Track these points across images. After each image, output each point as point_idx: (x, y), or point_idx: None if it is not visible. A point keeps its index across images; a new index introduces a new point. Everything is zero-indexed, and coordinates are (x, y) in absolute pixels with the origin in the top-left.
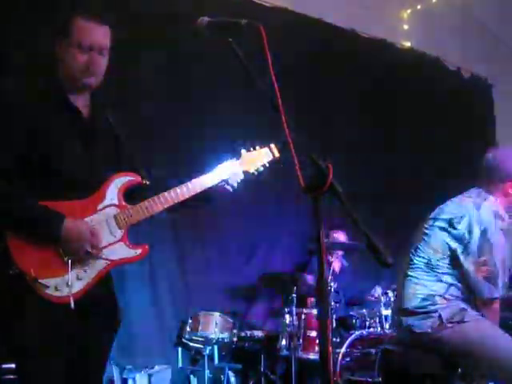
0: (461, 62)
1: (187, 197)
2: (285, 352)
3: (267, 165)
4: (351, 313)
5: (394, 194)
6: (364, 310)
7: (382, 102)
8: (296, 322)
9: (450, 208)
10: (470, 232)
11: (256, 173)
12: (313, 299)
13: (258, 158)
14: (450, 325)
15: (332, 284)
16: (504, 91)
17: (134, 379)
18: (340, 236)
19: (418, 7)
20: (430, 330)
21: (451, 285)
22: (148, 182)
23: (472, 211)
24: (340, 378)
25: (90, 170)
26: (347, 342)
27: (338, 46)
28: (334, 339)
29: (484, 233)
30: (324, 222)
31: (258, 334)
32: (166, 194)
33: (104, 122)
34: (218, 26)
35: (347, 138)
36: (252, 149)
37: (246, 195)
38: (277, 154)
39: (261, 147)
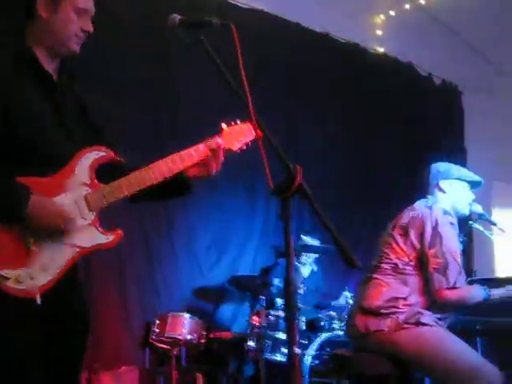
0: (432, 68)
1: (167, 176)
2: (253, 353)
3: (250, 144)
4: (320, 315)
5: (363, 199)
6: (333, 313)
7: (353, 106)
8: (264, 324)
9: (404, 215)
10: (424, 228)
11: (239, 152)
12: (280, 301)
13: (241, 133)
14: (406, 325)
15: (301, 287)
16: (474, 99)
17: (99, 380)
18: (311, 240)
19: (391, 13)
20: (386, 329)
21: (415, 290)
22: (123, 160)
23: (424, 210)
24: (309, 381)
25: (65, 143)
26: (316, 344)
27: (312, 49)
28: (303, 341)
29: (435, 227)
30: (294, 225)
31: (227, 335)
32: (143, 171)
33: (72, 92)
34: (190, 23)
35: (315, 142)
36: (233, 123)
37: (214, 196)
38: (260, 133)
39: (243, 122)
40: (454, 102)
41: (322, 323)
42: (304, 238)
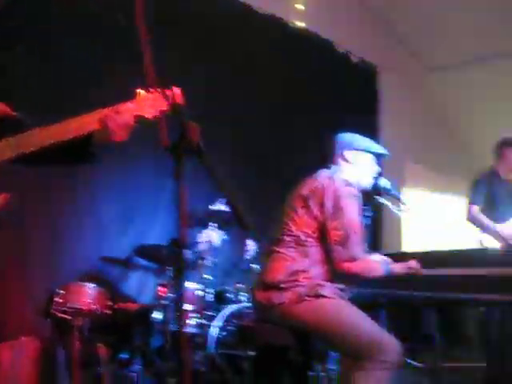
0: (351, 47)
1: (71, 136)
2: (159, 325)
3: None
4: (228, 287)
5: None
6: (241, 285)
7: (270, 79)
8: (171, 295)
9: (308, 185)
10: (324, 199)
11: (153, 120)
12: (189, 272)
13: (160, 101)
14: (306, 298)
15: (209, 257)
16: (390, 80)
17: None
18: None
19: None
20: (286, 301)
21: (316, 261)
22: (21, 116)
23: (325, 181)
24: (215, 352)
25: None
26: (222, 315)
27: (231, 19)
28: (211, 313)
29: (336, 198)
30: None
31: (133, 306)
32: (42, 129)
33: None
34: None
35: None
36: (151, 89)
37: (121, 162)
38: (181, 100)
39: (163, 89)
40: (370, 82)
41: (229, 295)
42: (216, 204)
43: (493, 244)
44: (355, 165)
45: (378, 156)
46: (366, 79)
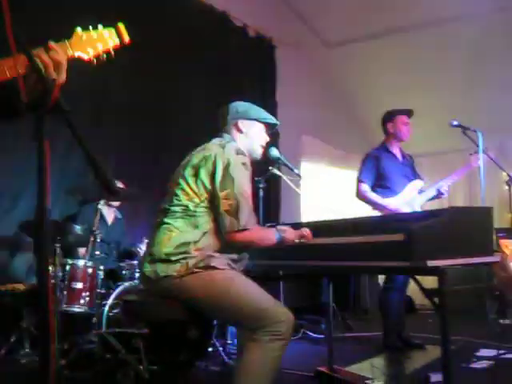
0: (248, 20)
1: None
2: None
3: (112, 52)
4: (121, 264)
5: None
6: (134, 262)
7: (165, 52)
8: (60, 274)
9: (197, 154)
10: (215, 168)
11: (95, 60)
12: (81, 250)
13: (100, 39)
14: (195, 270)
15: (100, 234)
16: (286, 54)
17: None
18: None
19: None
20: (175, 274)
21: (206, 232)
22: None
23: (217, 149)
24: (107, 331)
25: None
26: (114, 293)
27: None
28: (101, 291)
29: (226, 167)
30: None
31: (20, 287)
32: None
33: None
34: None
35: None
36: (91, 28)
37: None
38: (127, 38)
39: (105, 27)
40: (267, 56)
41: (124, 272)
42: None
43: None
44: (247, 134)
45: (270, 126)
46: (264, 53)
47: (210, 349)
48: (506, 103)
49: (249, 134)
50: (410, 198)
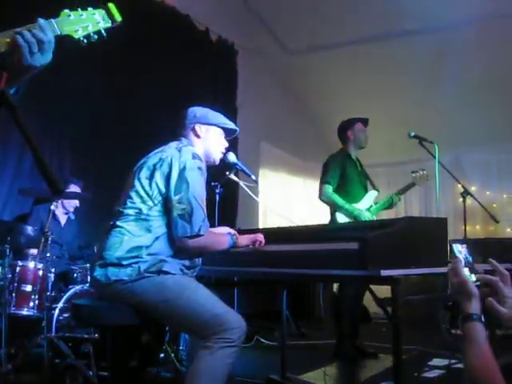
0: (210, 24)
1: None
2: None
3: (104, 33)
4: (73, 267)
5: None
6: (87, 265)
7: (125, 55)
8: (9, 275)
9: (153, 156)
10: (170, 171)
11: (85, 41)
12: (31, 251)
13: (90, 19)
14: (147, 274)
15: (52, 235)
16: (247, 59)
17: None
18: (76, 189)
19: None
20: (126, 278)
21: (159, 237)
22: None
23: (173, 152)
24: (56, 335)
25: None
26: (65, 296)
27: None
28: (52, 294)
29: (182, 171)
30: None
31: None
32: None
33: None
34: None
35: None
36: (80, 9)
37: None
38: (119, 18)
39: (96, 7)
40: (229, 60)
41: (75, 275)
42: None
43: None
44: (205, 139)
45: (228, 132)
46: (225, 57)
47: (161, 355)
48: (463, 117)
49: (206, 139)
50: (368, 208)
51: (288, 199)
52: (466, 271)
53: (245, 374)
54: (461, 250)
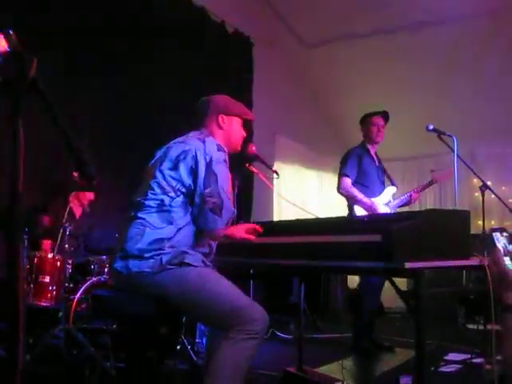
0: (226, 16)
1: None
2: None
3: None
4: (90, 259)
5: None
6: (103, 257)
7: (141, 45)
8: (27, 266)
9: (175, 147)
10: (196, 164)
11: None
12: (46, 242)
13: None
14: (169, 266)
15: (67, 225)
16: (264, 52)
17: None
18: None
19: None
20: (147, 270)
21: (181, 229)
22: None
23: (197, 144)
24: (74, 326)
25: None
26: (83, 287)
27: None
28: (69, 285)
29: (209, 164)
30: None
31: None
32: None
33: None
34: None
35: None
36: None
37: None
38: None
39: None
40: (245, 53)
41: (92, 266)
42: (76, 174)
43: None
44: (227, 130)
45: (246, 121)
46: (241, 50)
47: (178, 347)
48: (478, 110)
49: (228, 130)
50: (387, 203)
51: (303, 192)
52: (506, 260)
53: (261, 367)
54: (500, 239)
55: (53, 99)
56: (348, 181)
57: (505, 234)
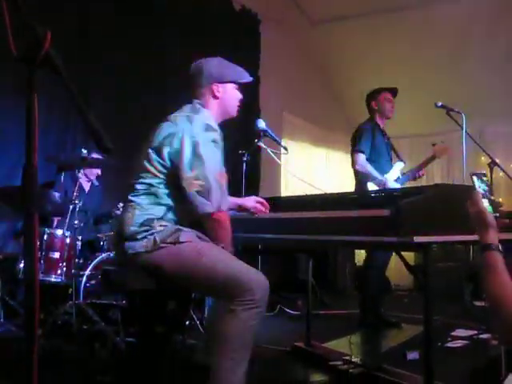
0: None
1: None
2: (24, 275)
3: None
4: (99, 235)
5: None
6: (112, 232)
7: (146, 23)
8: (37, 243)
9: (165, 129)
10: (183, 147)
11: None
12: (58, 218)
13: None
14: (163, 245)
15: (77, 202)
16: (271, 30)
17: None
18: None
19: None
20: (142, 250)
21: (170, 208)
22: None
23: (184, 125)
24: (84, 302)
25: None
26: (92, 263)
27: None
28: (79, 260)
29: (195, 146)
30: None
31: None
32: None
33: None
34: None
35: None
36: None
37: None
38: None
39: None
40: (252, 30)
41: (102, 243)
42: (85, 151)
43: None
44: (222, 98)
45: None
46: (249, 27)
47: (187, 322)
48: (487, 88)
49: (224, 97)
50: (396, 179)
51: (310, 169)
52: (484, 202)
53: (270, 342)
54: (479, 183)
55: (67, 73)
56: (363, 157)
57: (484, 178)
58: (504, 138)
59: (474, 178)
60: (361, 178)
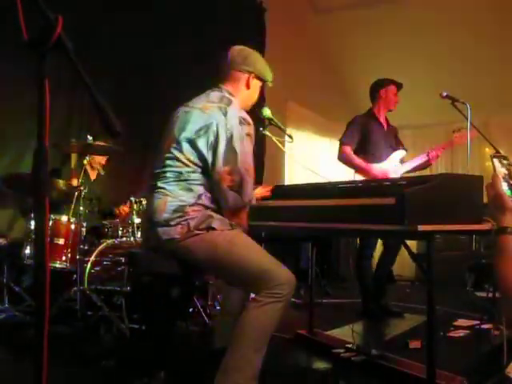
0: None
1: None
2: (29, 261)
3: None
4: (104, 222)
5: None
6: (117, 220)
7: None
8: (48, 224)
9: (195, 118)
10: (217, 140)
11: None
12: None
13: None
14: (197, 231)
15: (84, 190)
16: (276, 18)
17: None
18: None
19: None
20: (177, 237)
21: (201, 194)
22: None
23: (219, 117)
24: (89, 288)
25: None
26: (97, 250)
27: None
28: (84, 247)
29: (229, 140)
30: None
31: (1, 241)
32: None
33: None
34: None
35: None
36: None
37: None
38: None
39: None
40: (258, 19)
41: (106, 230)
42: (90, 137)
43: None
44: (250, 92)
45: (261, 86)
46: (254, 15)
47: (190, 309)
48: (491, 80)
49: (252, 93)
50: (394, 167)
51: (314, 158)
52: (504, 185)
53: None
54: (500, 166)
55: (78, 58)
56: (346, 149)
57: (504, 161)
58: (508, 129)
59: (495, 160)
60: (349, 168)
